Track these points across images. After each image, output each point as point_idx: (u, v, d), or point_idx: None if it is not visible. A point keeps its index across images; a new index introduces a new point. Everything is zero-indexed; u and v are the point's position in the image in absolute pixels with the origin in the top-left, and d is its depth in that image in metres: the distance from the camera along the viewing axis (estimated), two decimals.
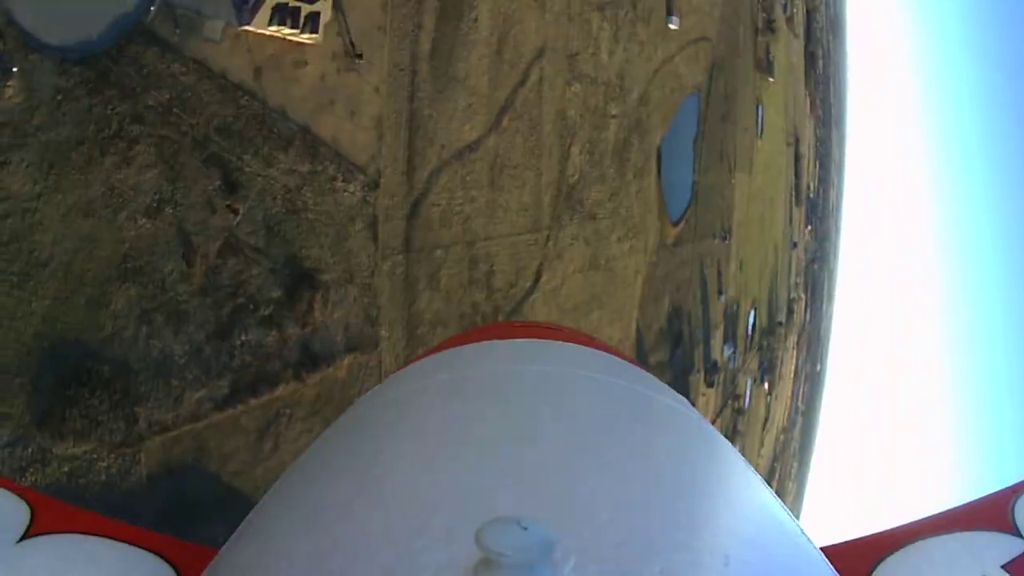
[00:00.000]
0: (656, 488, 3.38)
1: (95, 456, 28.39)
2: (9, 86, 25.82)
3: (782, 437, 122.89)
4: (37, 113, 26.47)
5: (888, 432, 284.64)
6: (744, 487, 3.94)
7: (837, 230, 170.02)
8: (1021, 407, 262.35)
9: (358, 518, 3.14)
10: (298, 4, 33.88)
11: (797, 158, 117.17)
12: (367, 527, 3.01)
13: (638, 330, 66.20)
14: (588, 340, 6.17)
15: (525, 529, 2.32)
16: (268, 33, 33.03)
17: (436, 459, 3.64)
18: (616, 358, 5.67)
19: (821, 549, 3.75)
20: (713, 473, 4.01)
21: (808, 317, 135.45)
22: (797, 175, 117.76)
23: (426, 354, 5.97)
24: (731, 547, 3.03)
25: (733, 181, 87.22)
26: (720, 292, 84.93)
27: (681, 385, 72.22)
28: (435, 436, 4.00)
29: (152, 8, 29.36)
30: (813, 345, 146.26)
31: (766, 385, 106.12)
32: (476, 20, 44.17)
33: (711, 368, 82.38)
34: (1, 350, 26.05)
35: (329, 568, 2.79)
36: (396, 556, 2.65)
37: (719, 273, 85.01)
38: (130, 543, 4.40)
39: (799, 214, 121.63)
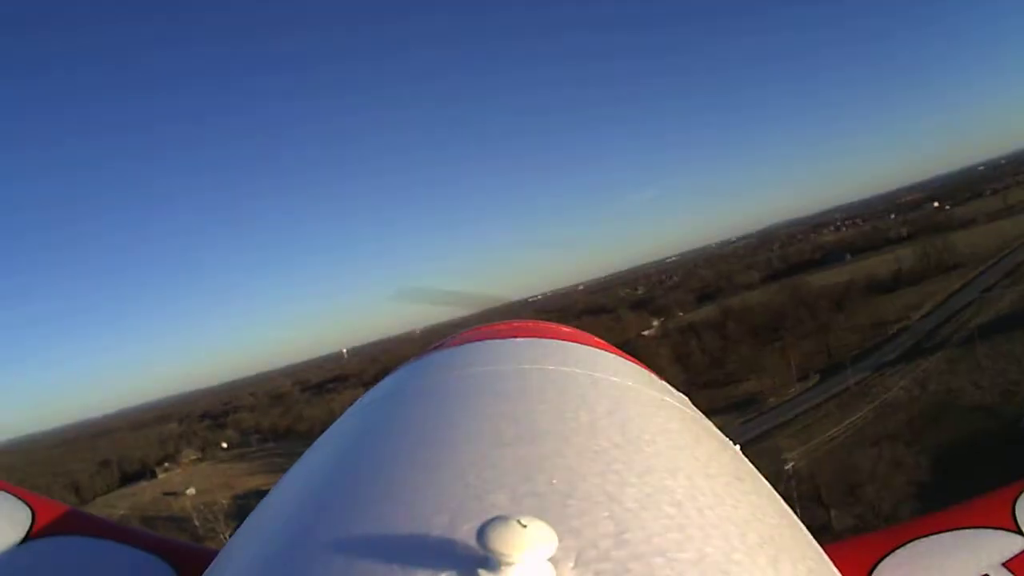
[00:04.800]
0: (657, 488, 2.96)
1: None
2: None
3: None
4: None
5: None
6: (746, 487, 3.31)
7: None
8: None
9: (358, 518, 2.96)
10: None
11: None
12: (368, 528, 2.84)
13: None
14: (590, 339, 5.90)
15: (525, 528, 2.22)
16: None
17: (436, 458, 3.35)
18: (618, 357, 5.37)
19: (823, 547, 3.33)
20: (715, 473, 3.34)
21: None
22: None
23: (426, 353, 5.87)
24: (732, 547, 2.69)
25: None
26: None
27: None
28: (435, 435, 3.66)
29: None
30: None
31: None
32: None
33: None
34: None
35: (329, 568, 2.61)
36: (397, 556, 2.48)
37: None
38: (131, 545, 4.43)
39: None
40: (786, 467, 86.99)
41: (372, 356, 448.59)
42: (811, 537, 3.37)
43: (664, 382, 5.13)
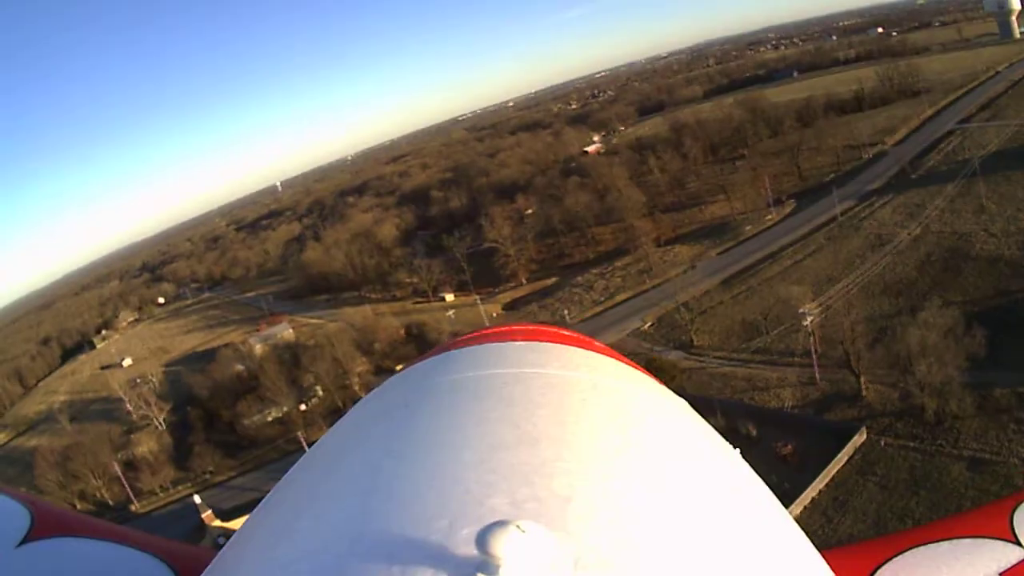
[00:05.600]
0: (655, 490, 3.27)
1: None
2: None
3: None
4: None
5: None
6: (746, 492, 3.83)
7: None
8: None
9: (359, 519, 3.09)
10: None
11: None
12: (367, 530, 2.96)
13: None
14: (588, 343, 6.18)
15: (524, 532, 2.35)
16: None
17: (436, 461, 3.54)
18: (616, 361, 5.69)
19: (822, 553, 3.72)
20: (713, 477, 3.87)
21: None
22: None
23: (427, 356, 5.93)
24: (731, 551, 2.93)
25: None
26: None
27: None
28: (435, 438, 3.88)
29: None
30: None
31: None
32: None
33: None
34: None
35: (328, 571, 2.75)
36: (397, 559, 2.62)
37: None
38: (130, 546, 4.45)
39: None
40: (804, 323, 71.00)
41: (305, 187, 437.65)
42: (810, 543, 3.63)
43: (664, 386, 5.32)
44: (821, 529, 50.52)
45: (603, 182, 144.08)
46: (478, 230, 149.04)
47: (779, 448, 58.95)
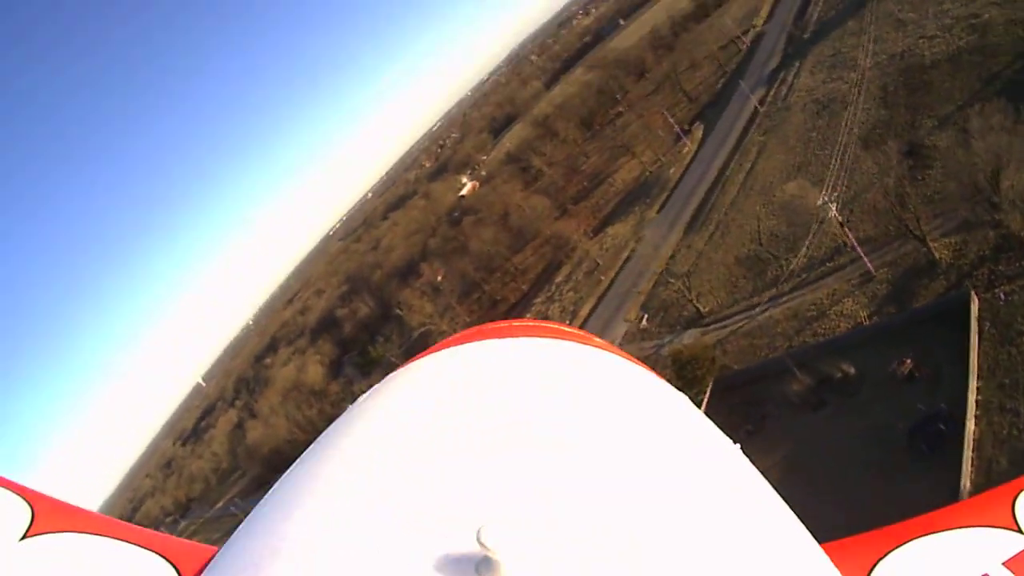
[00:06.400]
0: (656, 488, 3.26)
1: None
2: None
3: None
4: None
5: None
6: (746, 487, 3.79)
7: None
8: None
9: (358, 518, 3.09)
10: None
11: None
12: (367, 527, 2.96)
13: None
14: (587, 338, 6.09)
15: (523, 531, 2.41)
16: None
17: (436, 459, 3.53)
18: (616, 356, 5.57)
19: (822, 546, 3.72)
20: (714, 472, 3.85)
21: None
22: None
23: (425, 353, 5.87)
24: (731, 546, 2.94)
25: None
26: None
27: None
28: (435, 436, 3.84)
29: None
30: None
31: None
32: None
33: None
34: None
35: (329, 568, 2.77)
36: (397, 556, 2.65)
37: None
38: (129, 542, 4.37)
39: None
40: (830, 215, 54.73)
41: (224, 370, 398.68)
42: (811, 536, 3.64)
43: (665, 381, 5.24)
44: (1019, 431, 36.06)
45: (497, 208, 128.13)
46: (400, 323, 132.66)
47: (898, 369, 45.19)
